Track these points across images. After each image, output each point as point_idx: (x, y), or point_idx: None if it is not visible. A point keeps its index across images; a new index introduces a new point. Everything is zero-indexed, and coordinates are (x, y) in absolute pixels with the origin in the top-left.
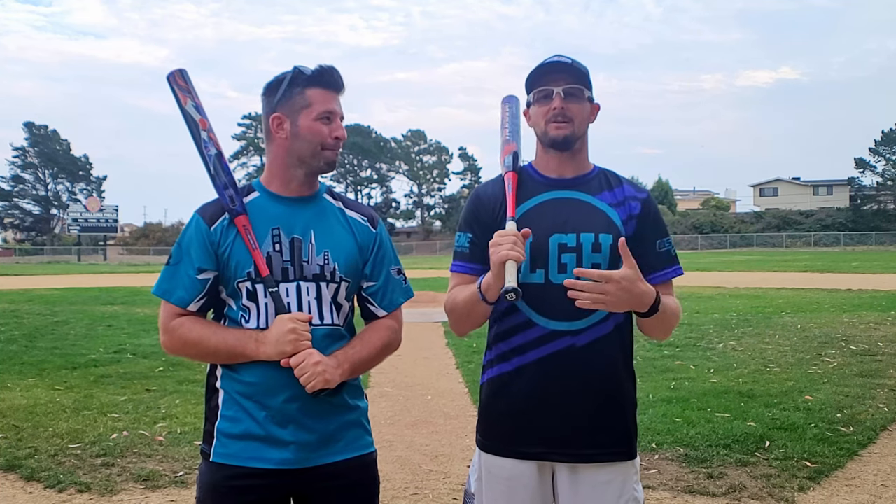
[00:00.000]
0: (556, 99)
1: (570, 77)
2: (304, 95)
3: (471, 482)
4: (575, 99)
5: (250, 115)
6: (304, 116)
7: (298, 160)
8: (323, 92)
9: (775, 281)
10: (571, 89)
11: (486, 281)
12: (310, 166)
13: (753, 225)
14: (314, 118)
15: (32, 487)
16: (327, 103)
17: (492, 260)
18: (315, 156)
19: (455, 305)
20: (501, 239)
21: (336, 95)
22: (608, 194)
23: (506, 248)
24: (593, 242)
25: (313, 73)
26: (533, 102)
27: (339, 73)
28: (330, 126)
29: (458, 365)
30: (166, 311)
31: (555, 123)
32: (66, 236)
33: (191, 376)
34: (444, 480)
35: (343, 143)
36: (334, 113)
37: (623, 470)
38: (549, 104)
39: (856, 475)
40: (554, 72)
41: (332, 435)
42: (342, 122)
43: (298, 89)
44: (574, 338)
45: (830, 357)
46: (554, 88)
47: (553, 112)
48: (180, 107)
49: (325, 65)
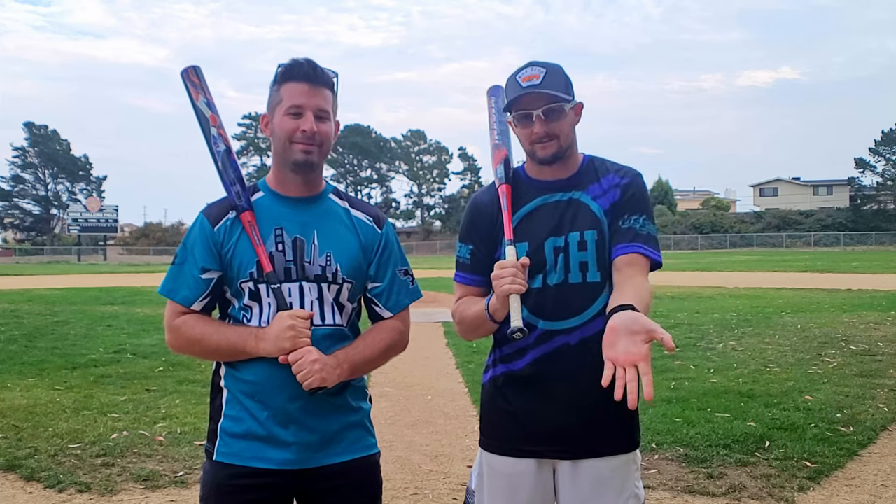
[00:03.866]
0: (537, 122)
1: (548, 96)
2: (279, 92)
3: (472, 479)
4: (556, 116)
5: (250, 115)
6: (277, 113)
7: (278, 157)
8: (294, 86)
9: (775, 281)
10: (550, 109)
11: (493, 305)
12: (286, 163)
13: (753, 225)
14: (283, 113)
15: (32, 487)
16: (294, 97)
17: (495, 292)
18: (285, 151)
19: (463, 318)
20: (502, 272)
21: (311, 88)
22: (595, 186)
23: (507, 281)
24: (578, 241)
25: (285, 68)
26: (514, 122)
27: (311, 65)
28: (298, 120)
29: (458, 365)
30: (171, 310)
31: (540, 144)
32: (66, 236)
33: (191, 376)
34: (444, 480)
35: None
36: (302, 106)
37: (624, 466)
38: (530, 126)
39: (856, 475)
40: (530, 93)
41: (334, 436)
42: (330, 117)
43: (276, 87)
44: (567, 336)
45: (830, 357)
46: (533, 112)
47: (536, 135)
48: (192, 102)
49: (300, 58)
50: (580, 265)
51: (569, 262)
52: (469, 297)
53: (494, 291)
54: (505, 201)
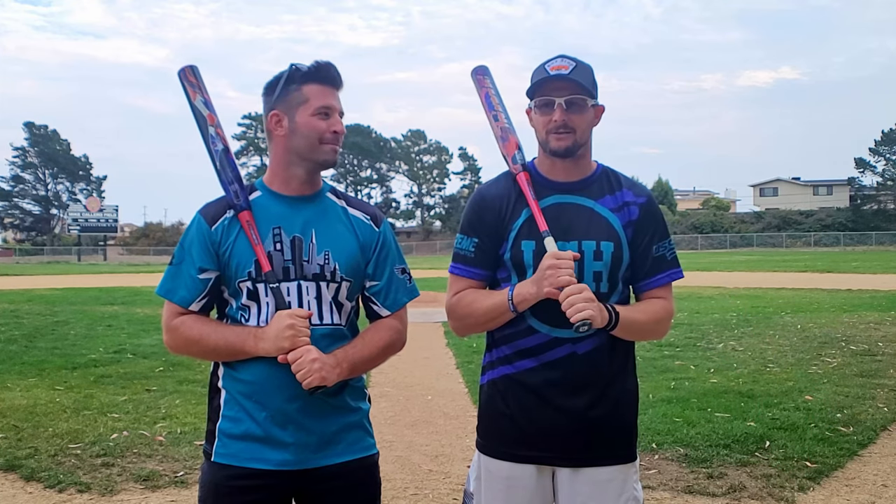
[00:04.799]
0: (558, 111)
1: (574, 87)
2: (302, 92)
3: (470, 482)
4: (577, 109)
5: (250, 115)
6: (301, 112)
7: (298, 156)
8: (320, 87)
9: (775, 281)
10: (574, 100)
11: (522, 294)
12: (310, 162)
13: (753, 225)
14: (311, 114)
15: (32, 487)
16: (324, 98)
17: (547, 281)
18: (314, 151)
19: (473, 311)
20: (559, 262)
21: (334, 91)
22: (609, 199)
23: (566, 273)
24: (595, 250)
25: (310, 70)
26: (534, 109)
27: (336, 69)
28: (328, 121)
29: (458, 365)
30: (169, 311)
31: (556, 135)
32: (66, 236)
33: (191, 376)
34: (444, 480)
35: (342, 140)
36: (332, 108)
37: (623, 469)
38: (550, 115)
39: (856, 475)
40: (556, 80)
41: (332, 436)
42: (342, 119)
43: (295, 86)
44: (575, 345)
45: (830, 357)
46: (556, 99)
47: (554, 124)
48: (189, 102)
49: (322, 61)
50: (594, 275)
51: (583, 271)
52: (474, 290)
53: (544, 281)
54: (529, 190)
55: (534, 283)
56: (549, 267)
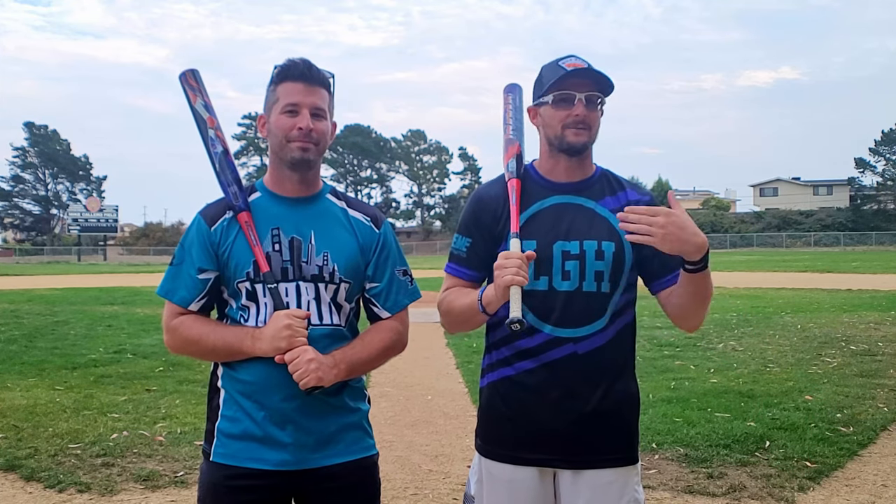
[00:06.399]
0: (579, 105)
1: (594, 84)
2: (275, 91)
3: (471, 484)
4: (594, 107)
5: (250, 115)
6: (273, 112)
7: (275, 156)
8: (290, 85)
9: (775, 281)
10: (593, 97)
11: (488, 296)
12: (283, 161)
13: (753, 225)
14: (279, 112)
15: (32, 487)
16: (291, 95)
17: (496, 282)
18: (282, 149)
19: (451, 309)
20: (506, 262)
21: (306, 87)
22: (610, 199)
23: (510, 272)
24: (596, 250)
25: (280, 68)
26: (550, 104)
27: (306, 65)
28: (294, 119)
29: (458, 365)
30: (169, 311)
31: (574, 130)
32: (66, 236)
33: (191, 376)
34: (444, 480)
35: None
36: (298, 104)
37: (624, 472)
38: (569, 109)
39: (856, 475)
40: (578, 76)
41: (331, 436)
42: (322, 115)
43: (272, 87)
44: (576, 345)
45: (830, 357)
46: (577, 94)
47: (574, 118)
48: (190, 105)
49: (295, 58)
50: (596, 274)
51: (584, 270)
52: (458, 289)
53: (495, 281)
54: (514, 195)
55: (493, 286)
56: (496, 267)
